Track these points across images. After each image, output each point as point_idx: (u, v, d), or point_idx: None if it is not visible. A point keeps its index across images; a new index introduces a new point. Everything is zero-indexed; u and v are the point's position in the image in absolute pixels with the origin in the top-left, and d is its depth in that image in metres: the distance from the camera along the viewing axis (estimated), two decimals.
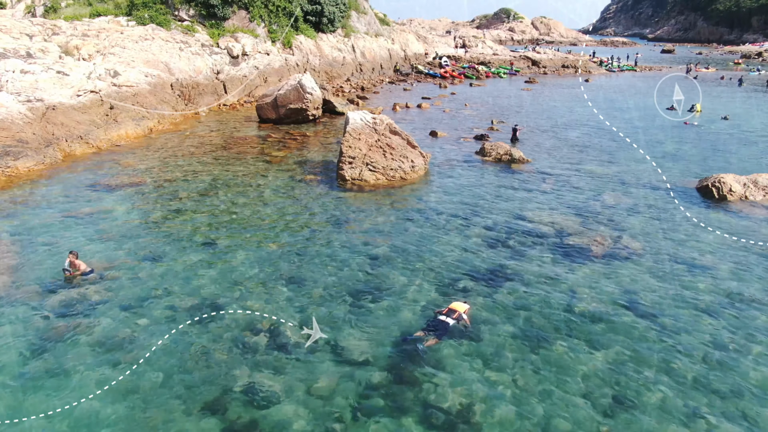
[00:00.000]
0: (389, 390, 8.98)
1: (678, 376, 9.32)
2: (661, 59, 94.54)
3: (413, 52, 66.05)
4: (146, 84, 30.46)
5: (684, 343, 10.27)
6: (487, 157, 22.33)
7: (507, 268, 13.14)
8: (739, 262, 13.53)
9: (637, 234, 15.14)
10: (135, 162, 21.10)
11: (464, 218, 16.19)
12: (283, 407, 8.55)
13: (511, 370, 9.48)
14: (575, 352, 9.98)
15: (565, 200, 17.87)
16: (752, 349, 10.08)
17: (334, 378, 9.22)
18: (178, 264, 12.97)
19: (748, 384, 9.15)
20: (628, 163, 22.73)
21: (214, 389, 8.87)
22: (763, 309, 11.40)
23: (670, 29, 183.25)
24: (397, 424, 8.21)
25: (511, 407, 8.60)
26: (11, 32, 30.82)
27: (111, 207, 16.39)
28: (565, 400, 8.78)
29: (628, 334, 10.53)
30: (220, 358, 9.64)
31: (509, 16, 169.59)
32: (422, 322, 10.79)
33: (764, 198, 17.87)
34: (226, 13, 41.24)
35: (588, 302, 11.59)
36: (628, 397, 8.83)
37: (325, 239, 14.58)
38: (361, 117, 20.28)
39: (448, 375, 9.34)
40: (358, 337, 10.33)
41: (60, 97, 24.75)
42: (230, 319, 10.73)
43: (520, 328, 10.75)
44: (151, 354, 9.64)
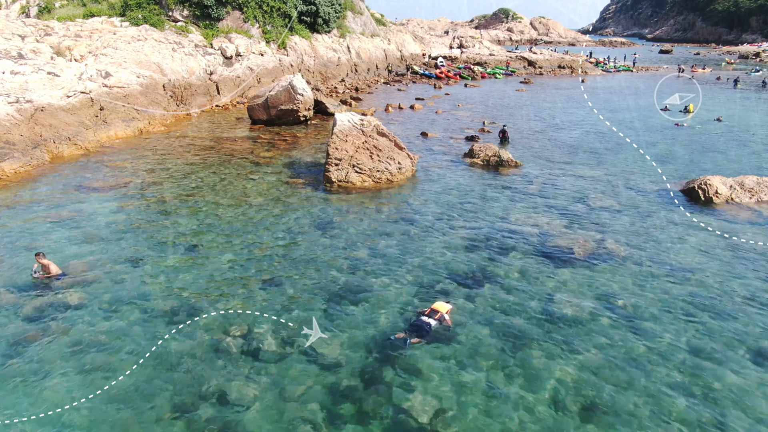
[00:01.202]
0: (361, 395, 8.96)
1: (653, 381, 9.27)
2: (658, 59, 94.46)
3: (410, 53, 66.04)
4: (138, 85, 30.46)
5: (661, 347, 10.24)
6: (476, 158, 22.30)
7: (488, 270, 13.11)
8: (722, 266, 13.49)
9: (621, 237, 15.10)
10: (122, 163, 21.08)
11: (448, 221, 16.16)
12: (254, 412, 8.53)
13: (484, 375, 9.45)
14: (551, 357, 9.95)
15: (550, 202, 17.84)
16: (728, 354, 10.05)
17: (306, 382, 9.20)
18: (157, 267, 12.94)
19: (723, 389, 9.11)
20: (617, 165, 22.70)
21: (186, 393, 8.85)
22: (742, 312, 11.36)
23: (669, 29, 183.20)
24: (366, 431, 8.19)
25: (482, 413, 8.57)
26: (3, 33, 30.78)
27: (95, 209, 16.36)
28: (537, 406, 8.74)
29: (604, 338, 10.50)
30: (193, 362, 9.62)
31: (508, 17, 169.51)
32: (400, 324, 10.78)
33: (750, 200, 17.84)
34: (220, 13, 41.24)
35: (566, 305, 11.56)
36: (600, 403, 8.79)
37: (308, 242, 14.55)
38: (348, 118, 20.24)
39: (421, 379, 9.32)
40: (334, 340, 10.30)
41: (50, 98, 24.73)
42: (206, 323, 10.70)
43: (497, 331, 10.72)
44: (124, 358, 9.63)
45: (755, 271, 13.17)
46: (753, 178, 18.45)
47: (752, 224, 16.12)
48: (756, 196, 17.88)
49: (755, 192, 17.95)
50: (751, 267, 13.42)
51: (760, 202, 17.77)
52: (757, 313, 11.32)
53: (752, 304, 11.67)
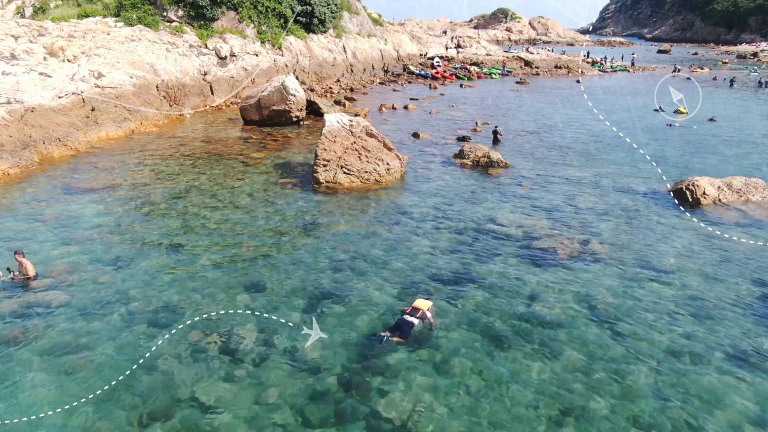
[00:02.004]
0: (337, 398, 8.94)
1: (630, 384, 9.24)
2: (657, 59, 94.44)
3: (407, 53, 66.00)
4: (131, 85, 30.44)
5: (639, 349, 10.21)
6: (466, 159, 22.29)
7: (471, 272, 13.11)
8: (706, 267, 13.48)
9: (606, 238, 15.10)
10: (112, 164, 21.08)
11: (435, 221, 16.16)
12: (229, 415, 8.51)
13: (462, 377, 9.43)
14: (529, 359, 9.94)
15: (538, 203, 17.83)
16: (706, 357, 10.01)
17: (283, 385, 9.18)
18: (141, 269, 12.93)
19: (700, 391, 9.08)
20: (607, 166, 22.70)
21: (162, 396, 8.84)
22: (722, 314, 11.35)
23: (668, 29, 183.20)
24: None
25: (457, 415, 8.56)
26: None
27: (81, 210, 16.36)
28: (513, 407, 8.73)
29: (584, 340, 10.48)
30: (170, 364, 9.60)
31: (507, 17, 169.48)
32: (380, 325, 10.78)
33: (738, 201, 17.83)
34: (215, 13, 41.22)
35: (548, 307, 11.55)
36: (575, 404, 8.77)
37: (293, 243, 14.55)
38: (337, 119, 20.24)
39: (398, 382, 9.30)
40: (313, 344, 10.27)
41: (41, 98, 24.71)
42: (186, 325, 10.69)
43: (477, 333, 10.71)
44: (101, 360, 9.62)
45: (738, 273, 13.16)
46: (741, 179, 18.45)
47: (738, 225, 16.11)
48: (744, 197, 17.88)
49: (743, 193, 17.95)
50: (734, 268, 13.41)
51: (747, 202, 17.76)
52: (738, 315, 11.31)
53: (733, 306, 11.67)
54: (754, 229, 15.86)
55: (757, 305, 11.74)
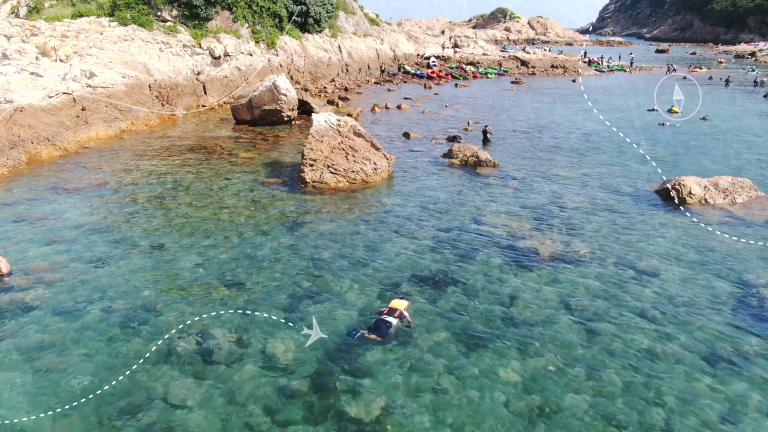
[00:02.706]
0: (309, 397, 8.93)
1: (605, 385, 9.20)
2: (655, 59, 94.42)
3: (403, 53, 65.99)
4: (123, 85, 30.45)
5: (617, 350, 10.18)
6: (454, 159, 22.28)
7: (452, 272, 13.10)
8: (688, 268, 13.46)
9: (589, 238, 15.09)
10: (100, 164, 21.08)
11: (419, 221, 16.15)
12: (197, 415, 8.49)
13: (436, 377, 9.40)
14: (505, 358, 9.92)
15: (524, 203, 17.82)
16: (683, 358, 9.97)
17: (255, 385, 9.17)
18: (121, 268, 12.92)
19: (672, 392, 9.06)
20: (596, 165, 22.70)
21: (133, 396, 8.82)
22: (701, 316, 11.31)
23: (667, 29, 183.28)
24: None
25: (429, 416, 8.54)
26: None
27: (66, 210, 16.35)
28: (487, 408, 8.69)
29: (560, 340, 10.47)
30: (144, 364, 9.60)
31: (506, 16, 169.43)
32: (358, 326, 10.76)
33: (724, 201, 17.82)
34: (209, 13, 41.21)
35: (526, 307, 11.54)
36: (549, 406, 8.74)
37: (275, 243, 14.54)
38: (325, 119, 20.24)
39: (371, 382, 9.28)
40: (288, 342, 10.27)
41: (30, 98, 24.72)
42: (162, 325, 10.68)
43: (454, 333, 10.69)
44: (73, 360, 9.61)
45: (719, 274, 13.15)
46: (728, 179, 18.43)
47: (723, 225, 16.10)
48: (730, 197, 17.86)
49: (729, 192, 17.93)
50: (716, 269, 13.40)
51: (733, 203, 17.75)
52: (715, 316, 11.29)
53: (712, 307, 11.65)
54: (739, 228, 15.84)
55: (736, 306, 11.72)
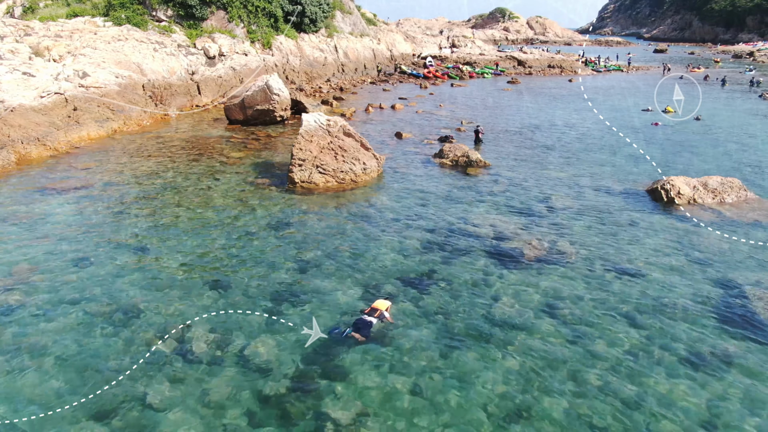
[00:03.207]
0: (286, 398, 8.90)
1: (584, 386, 9.16)
2: (653, 59, 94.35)
3: (400, 52, 65.99)
4: (116, 85, 30.41)
5: (598, 351, 10.13)
6: (445, 159, 22.25)
7: (437, 272, 13.06)
8: (673, 268, 13.40)
9: (576, 238, 15.05)
10: (89, 164, 21.04)
11: (406, 222, 16.12)
12: (173, 416, 8.47)
13: (415, 379, 9.35)
14: (486, 360, 9.87)
15: (513, 203, 17.79)
16: (664, 359, 9.92)
17: (232, 386, 9.13)
18: (105, 269, 12.89)
19: (653, 395, 9.01)
20: (588, 165, 22.66)
21: (108, 395, 8.80)
22: (684, 317, 11.26)
23: (666, 29, 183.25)
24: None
25: (406, 417, 8.50)
26: None
27: (53, 210, 16.32)
28: (464, 410, 8.64)
29: (543, 342, 10.41)
30: (121, 363, 9.56)
31: (505, 16, 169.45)
32: (338, 324, 10.73)
33: (713, 201, 17.78)
34: (204, 13, 41.16)
35: (509, 308, 11.50)
36: (528, 408, 8.68)
37: (261, 243, 14.51)
38: (315, 119, 20.20)
39: (350, 383, 9.25)
40: (267, 343, 10.24)
41: (22, 98, 24.69)
42: (141, 325, 10.66)
43: (436, 334, 10.66)
44: (51, 359, 9.59)
45: (704, 274, 13.10)
46: (717, 179, 18.40)
47: (711, 225, 16.06)
48: (719, 197, 17.83)
49: (718, 193, 17.90)
50: (701, 270, 13.35)
51: (722, 203, 17.71)
52: (698, 317, 11.24)
53: (695, 308, 11.60)
54: (727, 229, 15.80)
55: (719, 307, 11.68)
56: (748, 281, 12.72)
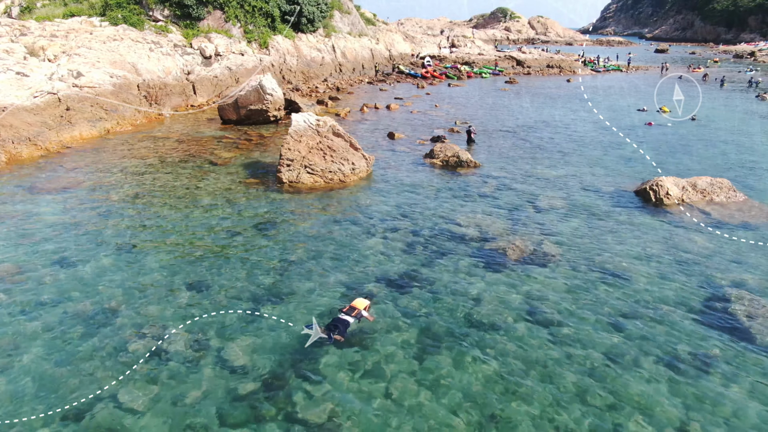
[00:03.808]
0: (258, 399, 8.88)
1: (559, 391, 9.10)
2: (653, 59, 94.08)
3: (399, 52, 65.93)
4: (110, 85, 30.41)
5: (576, 354, 10.08)
6: (435, 159, 22.21)
7: (419, 273, 13.03)
8: (658, 270, 13.33)
9: (561, 238, 15.01)
10: (80, 164, 21.06)
11: (392, 222, 16.08)
12: (146, 417, 8.46)
13: (389, 381, 9.32)
14: (462, 362, 9.82)
15: (500, 203, 17.75)
16: (642, 363, 9.83)
17: (207, 386, 9.12)
18: (88, 269, 12.89)
19: (628, 398, 8.94)
20: (578, 165, 22.60)
21: (81, 396, 8.79)
22: (666, 319, 11.20)
23: (668, 28, 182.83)
24: None
25: (377, 420, 8.47)
26: None
27: (40, 210, 16.33)
28: (436, 413, 8.59)
29: (521, 344, 10.36)
30: (97, 364, 9.56)
31: (506, 16, 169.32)
32: (316, 323, 10.72)
33: (701, 201, 17.72)
34: (201, 13, 41.18)
35: (489, 309, 11.46)
36: (502, 411, 8.63)
37: (245, 243, 14.50)
38: (304, 119, 20.19)
39: (323, 384, 9.23)
40: (244, 344, 10.23)
41: (14, 98, 24.71)
42: (118, 325, 10.65)
43: (414, 335, 10.63)
44: (27, 359, 9.59)
45: (689, 276, 13.04)
46: (706, 179, 18.33)
47: (698, 226, 16.00)
48: (708, 197, 17.77)
49: (707, 193, 17.83)
50: (686, 271, 13.29)
51: (711, 203, 17.64)
52: (680, 320, 11.17)
53: (677, 310, 11.53)
54: (714, 230, 15.74)
55: (701, 308, 11.63)
56: (731, 283, 12.66)
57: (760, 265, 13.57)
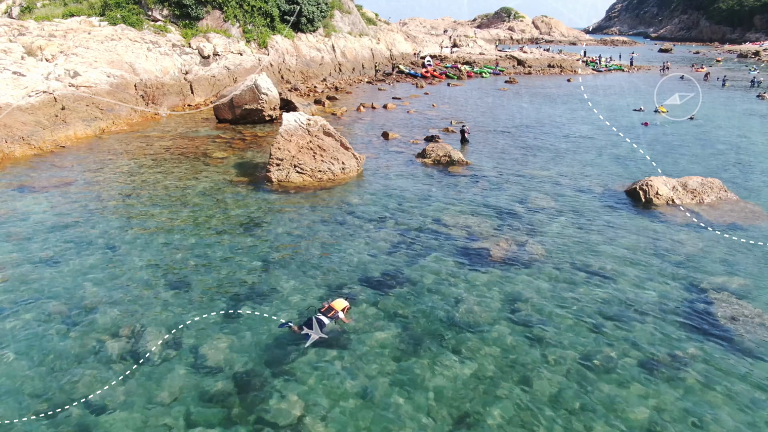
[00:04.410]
0: (231, 399, 8.86)
1: (534, 393, 9.03)
2: (656, 58, 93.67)
3: (400, 52, 65.88)
4: (107, 84, 30.52)
5: (553, 355, 10.00)
6: (427, 158, 22.18)
7: (401, 273, 12.99)
8: (642, 271, 13.23)
9: (547, 239, 14.94)
10: (72, 163, 21.13)
11: (379, 221, 16.06)
12: (118, 415, 8.45)
13: (364, 382, 9.28)
14: (437, 364, 9.72)
15: (489, 203, 17.69)
16: (618, 365, 9.73)
17: (180, 386, 9.11)
18: (70, 267, 12.92)
19: (602, 400, 8.86)
20: (571, 165, 22.50)
21: (55, 394, 8.81)
22: (646, 321, 11.09)
23: (673, 28, 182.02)
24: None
25: (348, 420, 8.44)
26: None
27: (28, 208, 16.38)
28: (408, 416, 8.54)
29: (499, 345, 10.28)
30: (72, 362, 9.57)
31: (510, 16, 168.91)
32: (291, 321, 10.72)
33: (692, 201, 17.61)
34: (200, 13, 41.28)
35: (468, 310, 11.39)
36: (474, 413, 8.55)
37: (230, 242, 14.50)
38: (295, 118, 20.19)
39: (297, 384, 9.19)
40: (220, 343, 10.22)
41: (10, 98, 24.82)
42: (95, 324, 10.64)
43: (391, 336, 10.58)
44: (2, 357, 9.62)
45: (673, 278, 12.91)
46: (697, 179, 18.22)
47: (686, 227, 15.90)
48: (698, 198, 17.66)
49: (698, 193, 17.72)
50: (670, 272, 13.16)
51: (701, 203, 17.53)
52: (660, 322, 11.05)
53: (659, 312, 11.41)
54: (701, 231, 15.64)
55: (683, 310, 11.54)
56: (715, 285, 12.56)
57: (746, 266, 13.47)
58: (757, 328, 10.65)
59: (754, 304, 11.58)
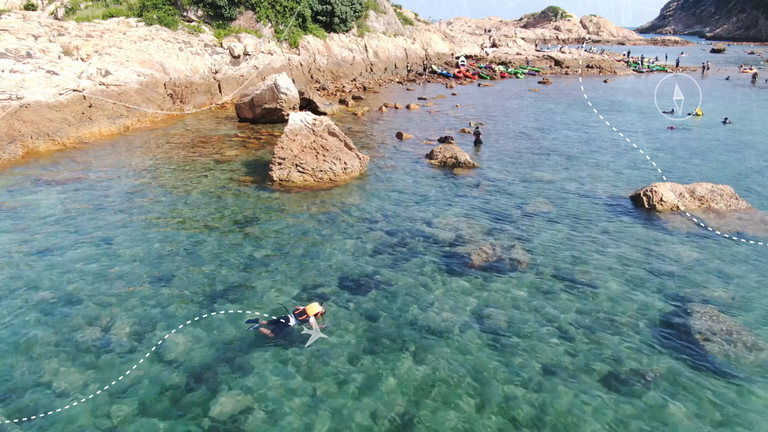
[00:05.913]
0: (182, 392, 9.11)
1: (486, 401, 8.92)
2: (709, 59, 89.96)
3: (436, 52, 65.54)
4: (136, 83, 31.62)
5: (515, 365, 9.81)
6: (434, 159, 22.07)
7: (380, 275, 13.00)
8: (628, 280, 12.80)
9: (536, 245, 14.66)
10: (90, 159, 22.02)
11: (370, 223, 16.11)
12: (72, 405, 8.80)
13: (317, 381, 9.36)
14: (394, 368, 9.69)
15: (486, 206, 17.47)
16: (580, 376, 9.49)
17: (139, 376, 9.44)
18: (64, 259, 13.50)
19: (554, 413, 8.66)
20: (583, 169, 21.94)
21: (17, 380, 9.25)
22: (619, 333, 10.72)
23: (730, 27, 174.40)
24: (171, 428, 8.36)
25: (292, 420, 8.54)
26: (18, 33, 32.55)
27: (38, 201, 17.19)
28: (352, 418, 8.58)
29: (461, 352, 10.15)
30: (39, 350, 10.02)
31: (557, 15, 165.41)
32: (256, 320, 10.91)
33: (698, 208, 16.92)
34: (233, 13, 42.26)
35: (440, 315, 11.27)
36: (418, 420, 8.51)
37: (220, 240, 14.84)
38: (301, 118, 20.46)
39: (250, 381, 9.36)
40: (186, 338, 10.47)
41: (41, 95, 26.06)
42: (75, 315, 11.09)
43: (356, 337, 10.63)
44: None
45: (658, 289, 12.43)
46: (707, 186, 17.49)
47: (686, 235, 15.29)
48: (705, 204, 16.96)
49: (706, 200, 17.03)
50: (657, 284, 12.66)
51: (708, 210, 16.83)
52: (633, 335, 10.67)
53: (633, 326, 10.97)
54: (701, 239, 15.02)
55: (661, 323, 11.12)
56: (702, 297, 12.05)
57: (741, 278, 12.87)
58: (731, 347, 10.17)
59: (735, 319, 11.05)
